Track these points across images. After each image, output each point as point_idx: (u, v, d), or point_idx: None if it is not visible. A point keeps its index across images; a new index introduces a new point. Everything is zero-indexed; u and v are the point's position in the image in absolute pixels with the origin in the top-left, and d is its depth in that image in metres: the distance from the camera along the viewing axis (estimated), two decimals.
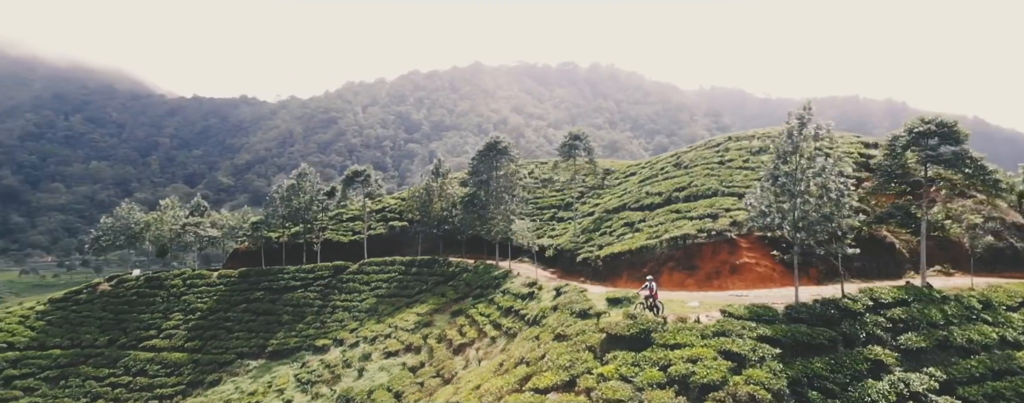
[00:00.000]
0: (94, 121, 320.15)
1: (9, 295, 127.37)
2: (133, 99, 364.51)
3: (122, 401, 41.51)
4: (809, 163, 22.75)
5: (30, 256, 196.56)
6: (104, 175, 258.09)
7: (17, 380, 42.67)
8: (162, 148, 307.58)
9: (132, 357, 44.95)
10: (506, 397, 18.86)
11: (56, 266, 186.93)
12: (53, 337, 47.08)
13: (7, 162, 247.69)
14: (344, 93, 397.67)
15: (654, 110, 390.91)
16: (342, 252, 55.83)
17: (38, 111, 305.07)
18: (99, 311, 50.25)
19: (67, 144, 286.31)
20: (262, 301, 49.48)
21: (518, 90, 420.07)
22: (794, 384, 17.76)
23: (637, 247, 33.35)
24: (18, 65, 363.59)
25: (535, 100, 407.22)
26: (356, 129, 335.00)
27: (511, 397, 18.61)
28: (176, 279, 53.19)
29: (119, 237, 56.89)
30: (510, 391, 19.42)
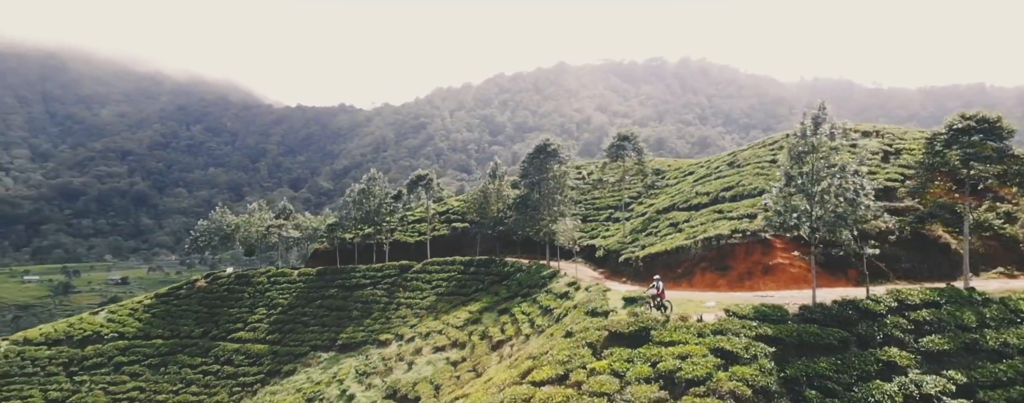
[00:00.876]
0: (211, 131, 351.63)
1: (139, 290, 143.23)
2: (244, 109, 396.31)
3: (211, 387, 46.26)
4: (825, 163, 22.11)
5: (157, 255, 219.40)
6: (220, 180, 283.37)
7: (125, 366, 48.66)
8: (270, 154, 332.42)
9: (221, 348, 49.88)
10: (507, 388, 20.03)
11: (178, 263, 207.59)
12: (156, 328, 53.24)
13: (139, 169, 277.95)
14: (433, 99, 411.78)
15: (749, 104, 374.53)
16: (408, 252, 58.83)
17: (164, 122, 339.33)
18: (196, 305, 56.22)
19: (189, 152, 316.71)
20: (335, 298, 53.22)
21: (603, 88, 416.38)
22: (791, 382, 17.87)
23: (673, 247, 33.21)
24: (146, 80, 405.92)
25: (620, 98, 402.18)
26: (443, 133, 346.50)
27: (511, 389, 19.75)
28: (261, 277, 58.42)
29: (214, 238, 63.47)
30: (511, 383, 20.59)
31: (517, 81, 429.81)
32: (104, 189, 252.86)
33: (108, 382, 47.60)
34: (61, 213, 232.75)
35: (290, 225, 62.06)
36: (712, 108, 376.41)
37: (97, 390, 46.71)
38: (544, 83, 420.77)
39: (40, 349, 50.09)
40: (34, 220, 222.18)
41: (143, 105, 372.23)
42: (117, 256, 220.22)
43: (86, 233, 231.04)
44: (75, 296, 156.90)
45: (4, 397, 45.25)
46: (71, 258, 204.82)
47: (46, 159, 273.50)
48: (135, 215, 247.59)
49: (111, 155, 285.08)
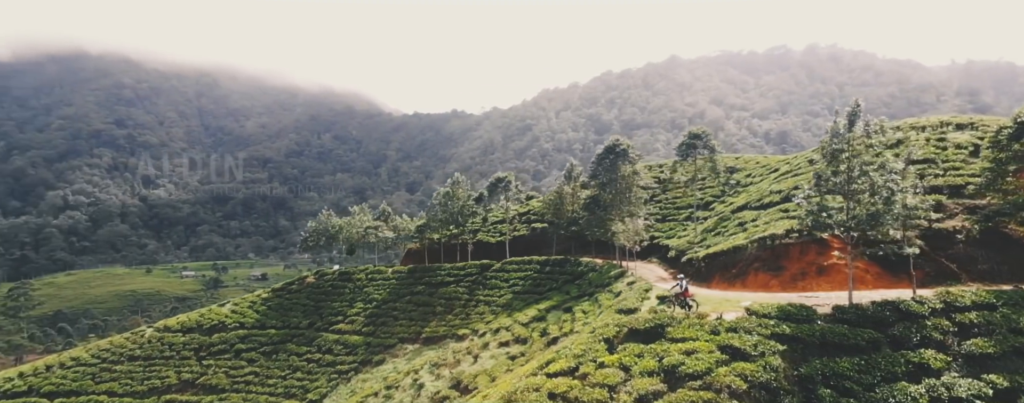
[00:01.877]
0: (339, 139, 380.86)
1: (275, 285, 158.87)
2: (368, 118, 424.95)
3: (312, 374, 51.10)
4: (859, 161, 21.22)
5: (292, 253, 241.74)
6: (346, 185, 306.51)
7: (243, 352, 54.99)
8: (389, 160, 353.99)
9: (323, 338, 54.87)
10: (525, 379, 21.06)
11: (310, 261, 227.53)
12: (271, 319, 59.56)
13: (277, 175, 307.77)
14: (539, 100, 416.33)
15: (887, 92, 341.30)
16: (490, 252, 61.10)
17: (299, 132, 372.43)
18: (304, 299, 62.16)
19: (319, 159, 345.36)
20: (422, 294, 56.58)
21: (719, 81, 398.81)
22: (805, 381, 17.76)
23: (729, 248, 32.21)
24: (284, 94, 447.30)
25: (738, 90, 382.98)
26: (549, 134, 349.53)
27: (527, 379, 20.77)
28: (361, 274, 63.34)
29: (321, 238, 69.97)
30: (530, 374, 21.63)
31: (625, 78, 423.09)
32: (248, 194, 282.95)
33: (229, 366, 54.09)
34: (213, 216, 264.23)
35: (386, 226, 66.87)
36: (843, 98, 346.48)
37: (220, 373, 53.26)
38: (654, 78, 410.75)
39: (176, 336, 57.99)
40: (191, 222, 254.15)
41: (281, 116, 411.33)
42: (259, 254, 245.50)
43: (234, 233, 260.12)
44: (223, 290, 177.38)
45: (146, 376, 52.95)
46: (221, 256, 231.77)
47: (201, 167, 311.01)
48: (274, 217, 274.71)
49: (254, 163, 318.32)
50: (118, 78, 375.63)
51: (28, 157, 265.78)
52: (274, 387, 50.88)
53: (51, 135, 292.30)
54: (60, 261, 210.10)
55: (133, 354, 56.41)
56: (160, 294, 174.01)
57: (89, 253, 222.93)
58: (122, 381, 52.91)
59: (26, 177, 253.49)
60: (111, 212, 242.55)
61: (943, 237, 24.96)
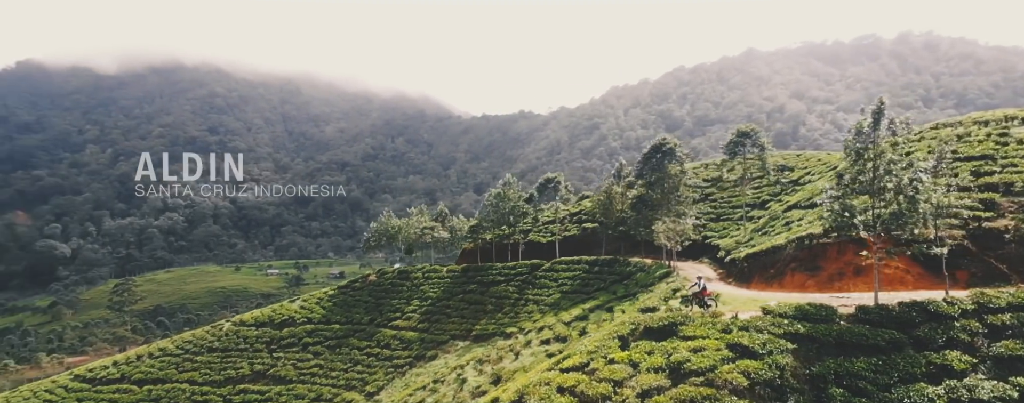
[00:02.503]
0: (411, 142, 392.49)
1: None
2: (438, 121, 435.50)
3: (371, 368, 53.63)
4: (884, 160, 20.53)
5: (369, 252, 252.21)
6: (417, 187, 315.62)
7: (310, 346, 58.39)
8: (458, 162, 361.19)
9: (382, 333, 57.41)
10: (540, 374, 21.79)
11: (384, 260, 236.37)
12: (336, 315, 62.86)
13: (354, 178, 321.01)
14: (607, 98, 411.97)
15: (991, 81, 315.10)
16: (541, 251, 61.72)
17: (374, 136, 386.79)
18: (366, 296, 65.15)
19: (392, 162, 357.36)
20: (474, 293, 58.03)
21: (800, 73, 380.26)
22: (816, 380, 17.77)
23: (768, 248, 31.30)
24: (360, 99, 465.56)
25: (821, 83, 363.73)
26: (617, 132, 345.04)
27: (542, 374, 21.52)
28: (418, 273, 65.66)
29: (381, 238, 73.08)
30: (546, 369, 22.39)
31: (698, 73, 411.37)
32: (328, 196, 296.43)
33: (297, 358, 57.64)
34: (296, 217, 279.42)
35: (441, 227, 69.02)
36: (940, 88, 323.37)
37: (288, 365, 56.85)
38: (729, 72, 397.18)
39: (250, 329, 62.33)
40: (276, 223, 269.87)
41: (357, 121, 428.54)
42: (337, 254, 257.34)
43: (314, 234, 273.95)
44: (303, 287, 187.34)
45: (223, 366, 57.31)
46: (303, 255, 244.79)
47: (285, 171, 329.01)
48: (351, 218, 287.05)
49: (333, 166, 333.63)
50: (211, 88, 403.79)
51: (132, 163, 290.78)
52: (336, 379, 53.78)
53: (152, 142, 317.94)
54: (160, 259, 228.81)
55: (212, 346, 61.18)
56: (247, 291, 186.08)
57: (185, 252, 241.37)
58: (202, 371, 57.53)
59: (131, 180, 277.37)
60: (205, 214, 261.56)
61: (993, 237, 23.51)
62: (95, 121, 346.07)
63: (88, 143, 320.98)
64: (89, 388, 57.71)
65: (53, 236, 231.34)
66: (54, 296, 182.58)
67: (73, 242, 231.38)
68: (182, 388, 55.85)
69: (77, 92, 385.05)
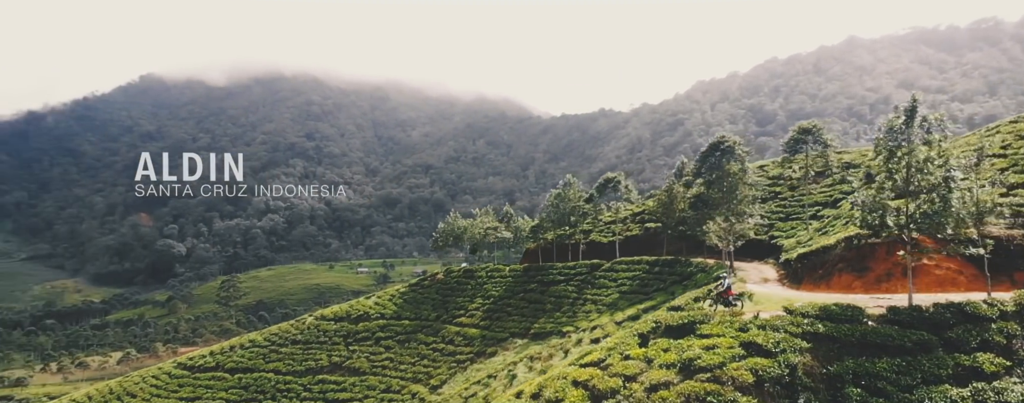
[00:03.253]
0: (491, 144, 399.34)
1: None
2: (518, 122, 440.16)
3: (436, 362, 55.89)
4: (916, 159, 19.83)
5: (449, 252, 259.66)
6: (496, 188, 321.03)
7: (382, 340, 61.57)
8: (537, 162, 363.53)
9: (447, 330, 59.62)
10: (561, 368, 22.81)
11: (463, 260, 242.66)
12: (406, 311, 65.86)
13: (437, 180, 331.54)
14: (693, 93, 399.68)
15: None
16: (602, 251, 61.62)
17: (456, 139, 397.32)
18: (434, 294, 67.77)
19: (473, 164, 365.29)
20: (534, 292, 58.99)
21: (908, 61, 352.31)
22: (833, 379, 17.54)
23: (817, 248, 30.04)
24: (444, 104, 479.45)
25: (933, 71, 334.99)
26: (702, 128, 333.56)
27: (562, 369, 22.56)
28: (482, 272, 67.46)
29: (448, 238, 75.73)
30: (568, 364, 23.21)
31: (792, 64, 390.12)
32: (413, 198, 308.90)
33: (370, 352, 61.00)
34: (384, 218, 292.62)
35: (503, 227, 70.58)
36: None
37: (362, 357, 60.30)
38: (827, 62, 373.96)
39: (329, 323, 66.58)
40: (366, 223, 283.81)
41: (441, 125, 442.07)
42: (421, 253, 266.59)
43: (401, 234, 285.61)
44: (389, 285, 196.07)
45: (305, 357, 61.62)
46: (390, 254, 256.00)
47: (375, 174, 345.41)
48: (434, 219, 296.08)
49: (418, 169, 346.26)
50: (308, 96, 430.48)
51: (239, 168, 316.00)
52: (405, 372, 56.48)
53: (256, 148, 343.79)
54: (263, 258, 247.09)
55: (295, 338, 65.91)
56: (339, 287, 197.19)
57: (285, 251, 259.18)
58: (285, 361, 62.17)
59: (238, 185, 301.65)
60: (302, 215, 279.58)
61: None
62: (207, 130, 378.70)
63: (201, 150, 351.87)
64: (189, 375, 63.90)
65: (171, 236, 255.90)
66: (171, 291, 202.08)
67: (188, 242, 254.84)
68: (268, 377, 60.65)
69: (191, 103, 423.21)
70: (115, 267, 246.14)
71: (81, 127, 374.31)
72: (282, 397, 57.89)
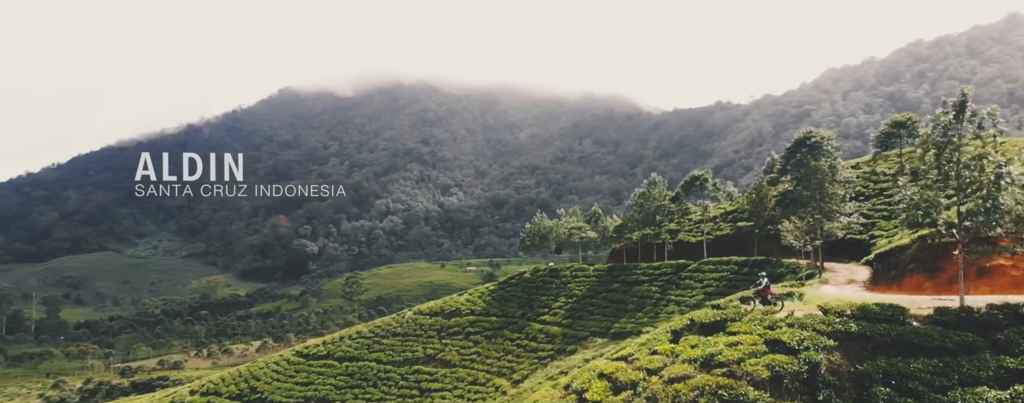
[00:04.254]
0: (598, 143, 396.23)
1: None
2: (627, 120, 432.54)
3: (519, 358, 57.67)
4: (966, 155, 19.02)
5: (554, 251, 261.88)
6: (603, 187, 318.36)
7: (471, 335, 64.35)
8: (646, 160, 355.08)
9: (530, 327, 61.20)
10: (595, 363, 23.66)
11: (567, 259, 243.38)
12: (494, 308, 68.28)
13: (543, 181, 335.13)
14: (821, 82, 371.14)
15: None
16: (689, 251, 60.01)
17: (563, 139, 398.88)
18: (520, 292, 69.60)
19: (580, 163, 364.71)
20: (617, 292, 58.92)
21: None
22: (861, 378, 17.34)
23: (892, 248, 27.94)
24: (552, 104, 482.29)
25: None
26: (832, 119, 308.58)
27: (594, 363, 23.52)
28: (567, 271, 68.27)
29: (535, 238, 77.21)
30: (606, 359, 24.12)
31: (940, 47, 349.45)
32: (520, 198, 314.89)
33: (460, 345, 64.08)
34: (492, 218, 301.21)
35: (588, 227, 70.79)
36: None
37: (453, 350, 63.50)
38: (983, 43, 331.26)
39: (426, 318, 70.64)
40: (475, 224, 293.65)
41: (548, 126, 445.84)
42: (528, 253, 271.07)
43: (507, 234, 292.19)
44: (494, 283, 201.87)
45: (403, 349, 65.94)
46: (497, 253, 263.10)
47: (483, 176, 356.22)
48: None
49: (524, 170, 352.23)
50: (424, 103, 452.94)
51: (363, 173, 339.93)
52: (490, 366, 58.84)
53: (378, 154, 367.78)
54: (384, 256, 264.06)
55: (395, 331, 70.68)
56: (449, 285, 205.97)
57: (403, 250, 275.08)
58: (386, 352, 66.93)
59: (362, 189, 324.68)
60: (418, 216, 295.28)
61: None
62: (336, 138, 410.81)
63: (331, 157, 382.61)
64: (304, 362, 70.71)
65: (305, 236, 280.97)
66: (304, 286, 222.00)
67: (319, 241, 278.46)
68: (371, 365, 65.66)
69: (323, 113, 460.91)
70: (258, 264, 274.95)
71: (230, 137, 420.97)
72: (382, 384, 62.41)
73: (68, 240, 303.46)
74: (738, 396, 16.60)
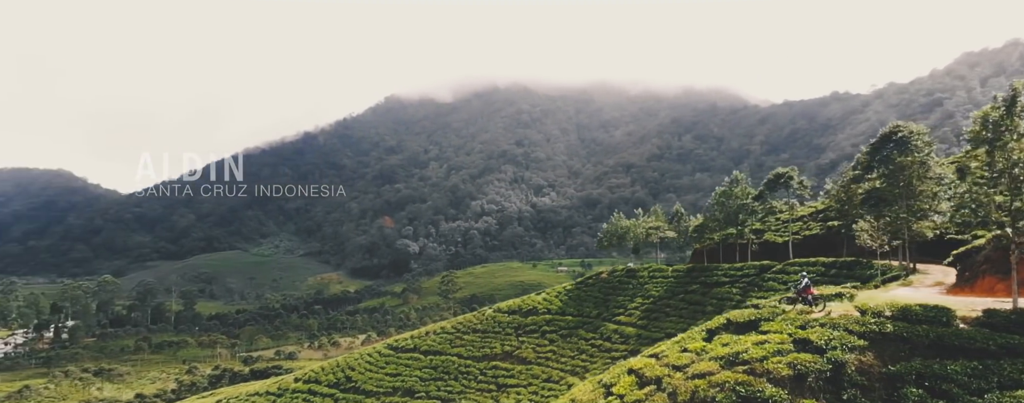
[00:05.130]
0: (700, 138, 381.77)
1: None
2: (731, 113, 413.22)
3: (593, 357, 57.72)
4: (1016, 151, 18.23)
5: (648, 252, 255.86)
6: (704, 184, 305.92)
7: (547, 333, 65.06)
8: (752, 155, 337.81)
9: (605, 327, 60.97)
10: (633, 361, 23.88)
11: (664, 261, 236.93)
12: (570, 307, 68.57)
13: (639, 179, 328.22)
14: (956, 68, 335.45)
15: None
16: (775, 252, 56.90)
17: (661, 136, 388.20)
18: (596, 292, 69.32)
19: (679, 161, 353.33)
20: (695, 293, 57.24)
21: None
22: (892, 378, 17.12)
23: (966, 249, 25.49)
24: (649, 100, 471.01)
25: None
26: (968, 107, 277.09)
27: (632, 360, 23.90)
28: (644, 272, 67.07)
29: (612, 238, 76.25)
30: (643, 356, 24.38)
31: None
32: (614, 198, 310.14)
33: (536, 343, 65.09)
34: (585, 218, 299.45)
35: (667, 227, 68.93)
36: None
37: (529, 348, 64.64)
38: None
39: (504, 316, 72.32)
40: (568, 224, 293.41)
41: (645, 123, 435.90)
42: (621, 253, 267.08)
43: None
44: None
45: (482, 345, 68.01)
46: (589, 253, 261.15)
47: (577, 176, 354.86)
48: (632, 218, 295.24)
49: (619, 169, 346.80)
50: (519, 105, 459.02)
51: (460, 175, 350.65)
52: (565, 364, 59.39)
53: (474, 157, 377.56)
54: (479, 256, 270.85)
55: (475, 328, 73.02)
56: (540, 285, 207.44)
57: (497, 250, 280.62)
58: (467, 347, 69.37)
59: (459, 191, 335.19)
60: (511, 217, 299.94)
61: None
62: (436, 142, 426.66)
63: (431, 161, 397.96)
64: (393, 354, 74.84)
65: (407, 236, 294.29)
66: (405, 284, 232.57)
67: (420, 241, 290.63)
68: (452, 360, 68.36)
69: (424, 119, 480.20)
70: (366, 262, 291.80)
71: (342, 143, 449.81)
72: (462, 378, 64.81)
73: (203, 240, 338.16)
74: (755, 393, 16.70)
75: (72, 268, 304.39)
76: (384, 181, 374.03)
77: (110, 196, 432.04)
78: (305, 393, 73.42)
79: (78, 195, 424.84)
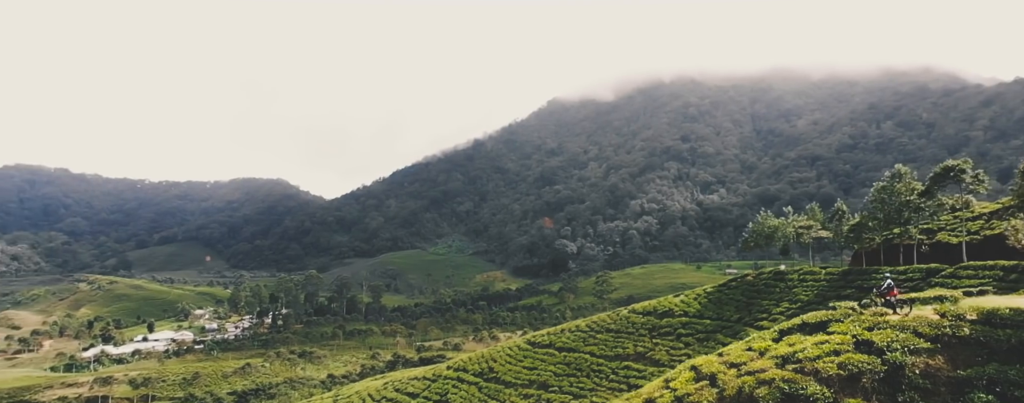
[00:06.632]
0: (903, 125, 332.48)
1: None
2: (944, 96, 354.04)
3: None
4: None
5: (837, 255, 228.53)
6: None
7: (683, 336, 61.75)
8: (973, 143, 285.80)
9: (746, 332, 56.11)
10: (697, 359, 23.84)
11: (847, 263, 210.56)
12: (708, 310, 64.05)
13: (826, 173, 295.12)
14: None
15: None
16: (947, 254, 47.66)
17: (854, 123, 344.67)
18: (739, 295, 63.77)
19: (876, 151, 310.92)
20: (849, 298, 50.35)
21: None
22: (961, 383, 16.50)
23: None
24: (842, 84, 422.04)
25: None
26: None
27: (697, 359, 23.97)
28: (794, 274, 60.20)
29: (759, 239, 69.19)
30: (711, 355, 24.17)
31: None
32: (795, 193, 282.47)
33: (670, 346, 62.15)
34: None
35: (818, 226, 60.90)
36: None
37: (663, 351, 61.94)
38: None
39: (639, 317, 69.97)
40: (739, 223, 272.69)
41: (834, 110, 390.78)
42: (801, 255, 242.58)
43: None
44: None
45: (615, 344, 66.62)
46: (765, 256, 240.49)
47: (751, 171, 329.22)
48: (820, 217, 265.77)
49: (802, 162, 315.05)
50: (685, 99, 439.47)
51: (619, 174, 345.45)
52: None
53: (635, 155, 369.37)
54: (638, 256, 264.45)
55: (609, 327, 71.75)
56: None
57: (657, 251, 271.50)
58: (599, 346, 68.52)
59: (618, 190, 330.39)
60: (674, 216, 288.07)
61: None
62: (595, 142, 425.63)
63: (590, 161, 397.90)
64: (531, 349, 76.49)
65: (565, 236, 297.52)
66: (562, 283, 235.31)
67: (577, 241, 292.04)
68: (585, 357, 68.07)
69: (584, 120, 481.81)
70: (527, 262, 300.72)
71: (507, 148, 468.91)
72: (594, 376, 64.33)
73: (390, 239, 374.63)
74: (798, 390, 16.59)
75: (287, 264, 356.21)
76: (544, 183, 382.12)
77: (317, 201, 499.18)
78: (454, 380, 78.31)
79: (292, 201, 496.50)
